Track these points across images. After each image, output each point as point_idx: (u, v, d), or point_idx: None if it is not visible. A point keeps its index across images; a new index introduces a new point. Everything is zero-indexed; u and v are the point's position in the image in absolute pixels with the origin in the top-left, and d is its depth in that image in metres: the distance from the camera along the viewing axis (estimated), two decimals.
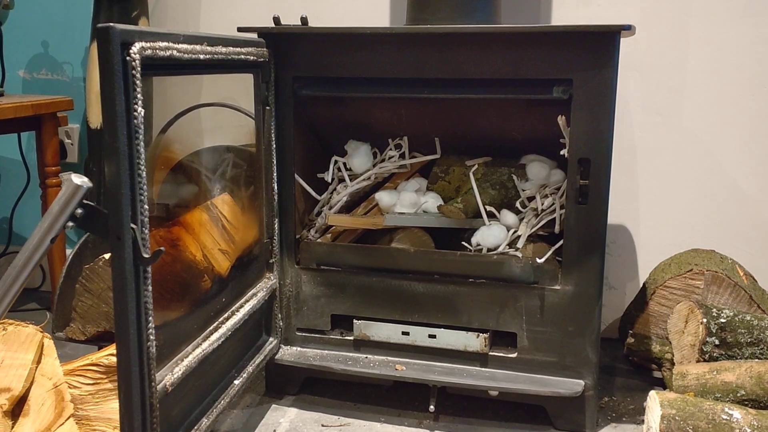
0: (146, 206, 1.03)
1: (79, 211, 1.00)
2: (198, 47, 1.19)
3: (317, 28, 1.58)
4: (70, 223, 1.00)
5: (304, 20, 1.57)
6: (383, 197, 1.64)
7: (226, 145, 1.67)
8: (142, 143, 1.02)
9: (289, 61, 1.54)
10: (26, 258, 1.00)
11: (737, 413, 1.30)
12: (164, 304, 1.26)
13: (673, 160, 1.90)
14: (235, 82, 1.54)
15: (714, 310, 1.55)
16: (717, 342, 1.52)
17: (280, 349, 1.64)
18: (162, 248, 1.04)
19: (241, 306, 1.46)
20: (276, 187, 1.57)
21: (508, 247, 1.54)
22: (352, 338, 1.61)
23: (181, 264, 1.38)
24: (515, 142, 1.63)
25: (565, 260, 1.47)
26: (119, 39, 0.98)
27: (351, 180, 1.70)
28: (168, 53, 1.09)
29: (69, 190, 1.00)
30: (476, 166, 1.65)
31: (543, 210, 1.58)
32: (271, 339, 1.62)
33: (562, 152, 1.47)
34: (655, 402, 1.35)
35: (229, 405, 1.40)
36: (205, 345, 1.30)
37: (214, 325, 1.37)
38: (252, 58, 1.43)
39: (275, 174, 1.57)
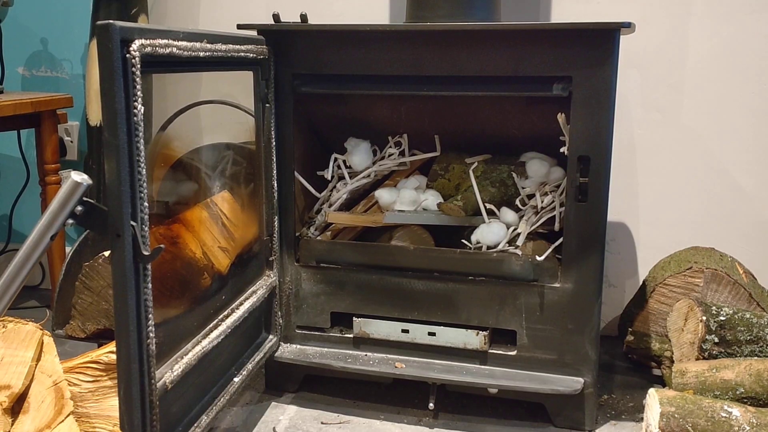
0: (146, 203, 1.03)
1: (79, 208, 1.00)
2: (198, 44, 1.19)
3: (317, 26, 1.58)
4: (70, 221, 1.00)
5: (303, 17, 1.57)
6: (383, 195, 1.64)
7: (226, 142, 1.66)
8: (141, 140, 1.02)
9: (288, 58, 1.54)
10: (26, 255, 1.00)
11: (736, 411, 1.30)
12: (164, 301, 1.26)
13: (673, 157, 1.90)
14: (235, 80, 1.54)
15: (713, 307, 1.55)
16: (716, 340, 1.52)
17: (280, 347, 1.64)
18: (162, 246, 1.04)
19: (241, 303, 1.46)
20: (276, 185, 1.57)
21: (507, 244, 1.54)
22: (351, 336, 1.61)
23: (181, 261, 1.38)
24: (515, 139, 1.63)
25: (564, 258, 1.47)
26: (119, 36, 0.98)
27: (351, 177, 1.70)
28: (168, 50, 1.09)
29: (69, 188, 1.00)
30: (476, 164, 1.65)
31: (543, 208, 1.58)
32: (270, 336, 1.62)
33: (561, 150, 1.47)
34: (654, 399, 1.35)
35: (228, 402, 1.40)
36: (204, 342, 1.30)
37: (214, 322, 1.37)
38: (252, 55, 1.43)
39: (275, 171, 1.57)
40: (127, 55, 0.99)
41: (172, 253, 1.37)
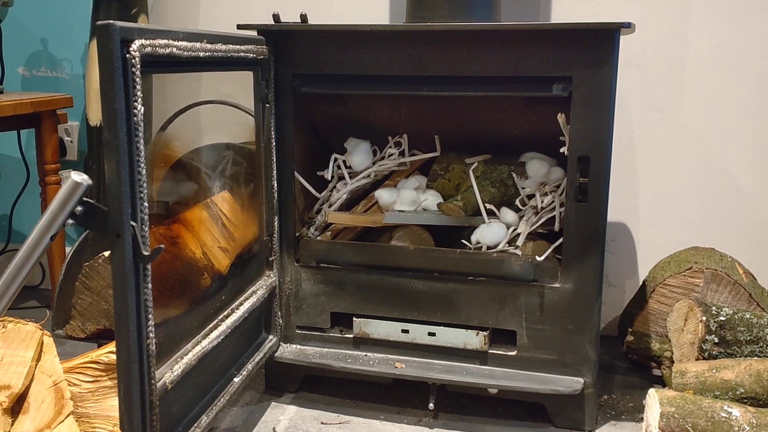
0: (146, 204, 1.03)
1: (79, 208, 1.00)
2: (198, 45, 1.19)
3: (317, 26, 1.58)
4: (70, 221, 1.00)
5: (303, 17, 1.57)
6: (383, 195, 1.64)
7: (226, 142, 1.66)
8: (141, 140, 1.02)
9: (288, 58, 1.54)
10: (26, 255, 1.00)
11: (736, 411, 1.30)
12: (164, 301, 1.26)
13: (673, 157, 1.90)
14: (235, 80, 1.54)
15: (713, 308, 1.55)
16: (716, 340, 1.52)
17: (280, 347, 1.64)
18: (162, 246, 1.04)
19: (241, 304, 1.46)
20: (276, 185, 1.57)
21: (507, 245, 1.54)
22: (351, 336, 1.61)
23: (181, 262, 1.38)
24: (515, 139, 1.63)
25: (564, 258, 1.47)
26: (119, 36, 0.98)
27: (351, 178, 1.70)
28: (168, 51, 1.09)
29: (69, 188, 0.99)
30: (476, 164, 1.65)
31: (543, 208, 1.58)
32: (270, 337, 1.62)
33: (561, 150, 1.47)
34: (654, 400, 1.35)
35: (228, 402, 1.40)
36: (204, 343, 1.30)
37: (214, 322, 1.37)
38: (252, 55, 1.43)
39: (275, 171, 1.57)
40: (127, 55, 0.99)
41: (172, 253, 1.37)
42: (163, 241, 1.34)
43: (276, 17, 1.55)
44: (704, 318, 1.54)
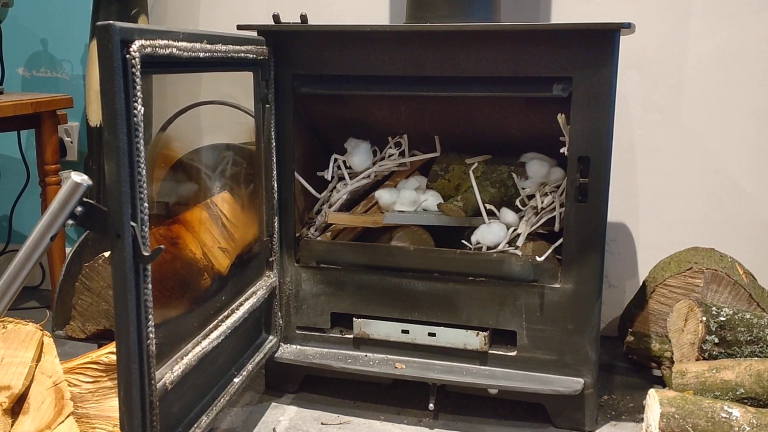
0: (146, 204, 1.03)
1: (79, 209, 1.00)
2: (197, 45, 1.19)
3: (317, 26, 1.58)
4: (70, 221, 1.00)
5: (303, 18, 1.57)
6: (383, 195, 1.64)
7: (226, 143, 1.67)
8: (141, 141, 1.02)
9: (288, 58, 1.54)
10: (26, 256, 1.00)
11: (736, 411, 1.30)
12: (164, 302, 1.26)
13: (673, 157, 1.90)
14: (235, 80, 1.54)
15: (713, 308, 1.55)
16: (716, 340, 1.52)
17: (280, 347, 1.64)
18: (162, 246, 1.04)
19: (241, 304, 1.46)
20: (276, 185, 1.57)
21: (507, 245, 1.54)
22: (351, 336, 1.61)
23: (181, 262, 1.38)
24: (515, 140, 1.63)
25: (564, 258, 1.47)
26: (119, 37, 0.98)
27: (351, 178, 1.70)
28: (168, 51, 1.09)
29: (69, 188, 0.99)
30: (476, 164, 1.65)
31: (543, 208, 1.58)
32: (270, 337, 1.62)
33: (561, 150, 1.47)
34: (654, 400, 1.35)
35: (228, 403, 1.40)
36: (204, 343, 1.30)
37: (214, 323, 1.37)
38: (252, 56, 1.43)
39: (275, 172, 1.57)
40: (127, 56, 0.99)
41: (172, 253, 1.37)
42: (163, 241, 1.34)
43: (276, 18, 1.55)
44: (704, 318, 1.54)
